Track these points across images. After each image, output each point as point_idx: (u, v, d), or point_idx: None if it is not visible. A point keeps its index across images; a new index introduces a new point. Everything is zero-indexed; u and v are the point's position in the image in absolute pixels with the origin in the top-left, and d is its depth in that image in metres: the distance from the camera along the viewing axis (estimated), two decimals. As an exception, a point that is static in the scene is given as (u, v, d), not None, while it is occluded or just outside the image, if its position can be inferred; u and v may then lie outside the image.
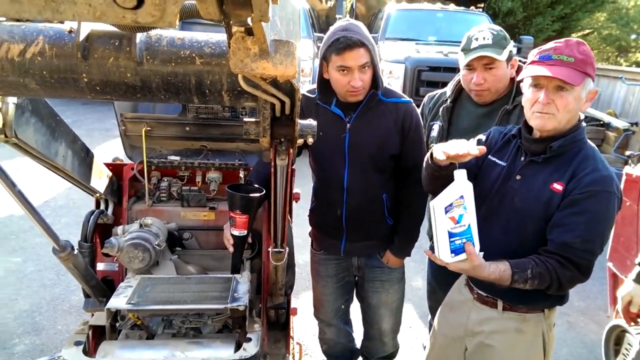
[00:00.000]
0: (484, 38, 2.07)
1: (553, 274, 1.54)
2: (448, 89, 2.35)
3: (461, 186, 1.55)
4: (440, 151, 1.60)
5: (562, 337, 3.39)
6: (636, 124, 6.99)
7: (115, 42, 1.11)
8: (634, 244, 2.74)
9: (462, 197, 1.54)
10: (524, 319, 1.74)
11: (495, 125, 2.07)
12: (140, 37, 1.11)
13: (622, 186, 2.87)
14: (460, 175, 1.57)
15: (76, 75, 1.11)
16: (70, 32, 1.11)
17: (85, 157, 1.84)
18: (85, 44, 1.09)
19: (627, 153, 3.28)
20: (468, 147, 1.54)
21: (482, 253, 1.57)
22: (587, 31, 15.89)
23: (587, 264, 1.56)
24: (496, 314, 1.77)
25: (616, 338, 2.92)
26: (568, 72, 1.50)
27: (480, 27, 2.15)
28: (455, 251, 1.55)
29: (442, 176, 1.68)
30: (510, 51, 2.13)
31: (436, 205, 1.55)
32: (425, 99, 2.49)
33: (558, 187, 1.58)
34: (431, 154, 1.68)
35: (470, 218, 1.54)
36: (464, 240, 1.54)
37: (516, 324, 1.75)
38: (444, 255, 1.55)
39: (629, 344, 2.61)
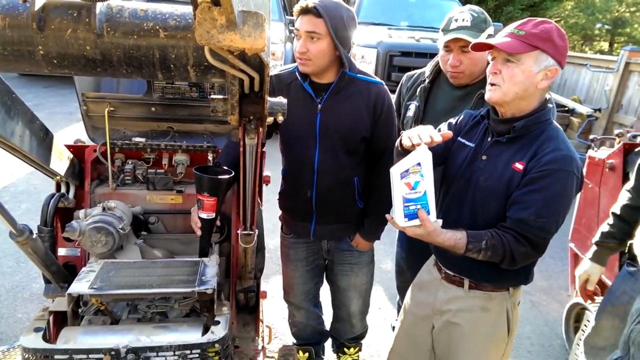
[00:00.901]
0: (463, 20, 2.07)
1: (507, 247, 1.57)
2: (427, 69, 2.34)
3: (420, 154, 1.56)
4: (406, 137, 1.61)
5: (525, 316, 3.50)
6: (599, 110, 7.22)
7: (73, 13, 1.05)
8: (595, 225, 2.84)
9: (419, 164, 1.55)
10: (489, 297, 1.78)
11: (470, 109, 2.09)
12: (100, 7, 1.06)
13: (584, 169, 2.96)
14: (422, 146, 1.58)
15: (31, 47, 1.05)
16: (24, 1, 1.04)
17: (44, 138, 1.75)
18: (41, 14, 1.03)
19: (591, 137, 3.38)
20: (431, 135, 1.56)
21: (440, 221, 1.59)
22: (554, 20, 16.24)
23: (542, 241, 1.60)
24: (462, 292, 1.80)
25: (576, 315, 3.04)
26: (509, 42, 1.53)
27: (462, 9, 2.14)
28: (409, 216, 1.57)
29: None
30: (490, 35, 2.12)
31: (393, 171, 1.56)
32: (404, 78, 2.47)
33: (519, 166, 1.61)
34: (400, 140, 1.69)
35: (426, 185, 1.56)
36: (418, 207, 1.56)
37: (482, 302, 1.79)
38: (399, 219, 1.58)
39: (588, 321, 2.72)
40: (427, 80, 2.30)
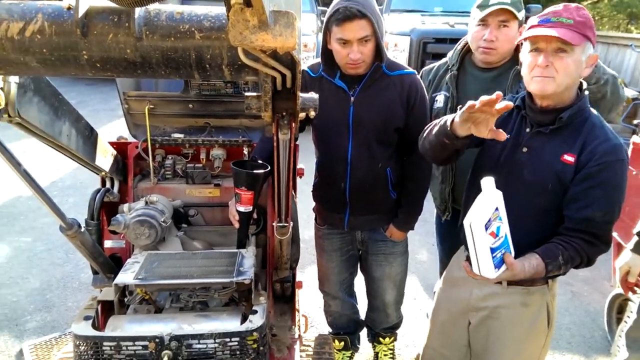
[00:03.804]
0: None
1: (582, 253, 1.56)
2: (451, 58, 2.32)
3: (494, 197, 1.50)
4: (463, 112, 1.49)
5: (565, 307, 3.43)
6: (645, 92, 6.89)
7: (114, 18, 1.10)
8: (639, 214, 2.74)
9: (497, 209, 1.49)
10: (528, 292, 1.74)
11: (506, 87, 2.10)
12: (139, 12, 1.10)
13: (629, 155, 2.86)
14: (489, 184, 1.51)
15: (76, 52, 1.11)
16: (69, 9, 1.10)
17: (89, 136, 1.84)
18: (84, 20, 1.09)
19: (635, 122, 3.25)
20: (495, 101, 1.42)
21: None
22: (597, -1, 15.52)
23: (608, 234, 1.59)
24: (500, 289, 1.76)
25: (619, 307, 2.95)
26: (566, 32, 1.49)
27: None
28: (498, 265, 1.51)
29: (452, 147, 1.65)
30: (522, 19, 2.12)
31: (474, 223, 1.46)
32: (422, 73, 2.45)
33: (569, 158, 1.58)
34: (452, 121, 1.59)
35: (505, 227, 1.51)
36: (503, 252, 1.51)
37: (521, 298, 1.75)
38: (488, 272, 1.50)
39: (631, 312, 2.63)
40: (454, 68, 2.28)
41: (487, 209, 1.48)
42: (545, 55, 1.53)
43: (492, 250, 1.48)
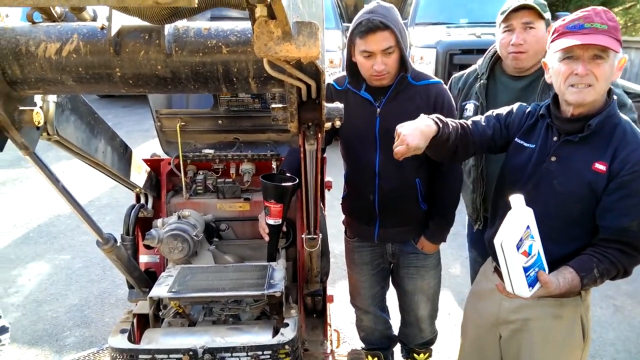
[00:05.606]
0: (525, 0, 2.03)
1: (618, 265, 1.52)
2: (481, 66, 2.29)
3: (524, 215, 1.48)
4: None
5: (609, 321, 3.28)
6: (684, 97, 6.63)
7: (145, 36, 1.15)
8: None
9: (528, 227, 1.47)
10: (561, 304, 1.68)
11: (536, 98, 2.04)
12: (168, 29, 1.15)
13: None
14: (519, 201, 1.48)
15: (110, 70, 1.16)
16: (102, 29, 1.16)
17: (124, 153, 1.91)
18: (116, 39, 1.14)
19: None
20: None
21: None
22: (629, 4, 15.16)
23: None
24: (530, 300, 1.66)
25: (667, 320, 2.81)
26: (605, 38, 1.45)
27: None
28: (532, 284, 1.49)
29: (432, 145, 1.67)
30: (548, 19, 2.07)
31: (505, 243, 1.44)
32: (451, 82, 2.43)
33: (601, 167, 1.53)
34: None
35: (538, 245, 1.49)
36: (536, 270, 1.49)
37: (553, 310, 1.69)
38: (522, 291, 1.48)
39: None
40: (484, 76, 2.24)
41: (518, 227, 1.45)
42: (583, 64, 1.48)
43: (525, 269, 1.46)
